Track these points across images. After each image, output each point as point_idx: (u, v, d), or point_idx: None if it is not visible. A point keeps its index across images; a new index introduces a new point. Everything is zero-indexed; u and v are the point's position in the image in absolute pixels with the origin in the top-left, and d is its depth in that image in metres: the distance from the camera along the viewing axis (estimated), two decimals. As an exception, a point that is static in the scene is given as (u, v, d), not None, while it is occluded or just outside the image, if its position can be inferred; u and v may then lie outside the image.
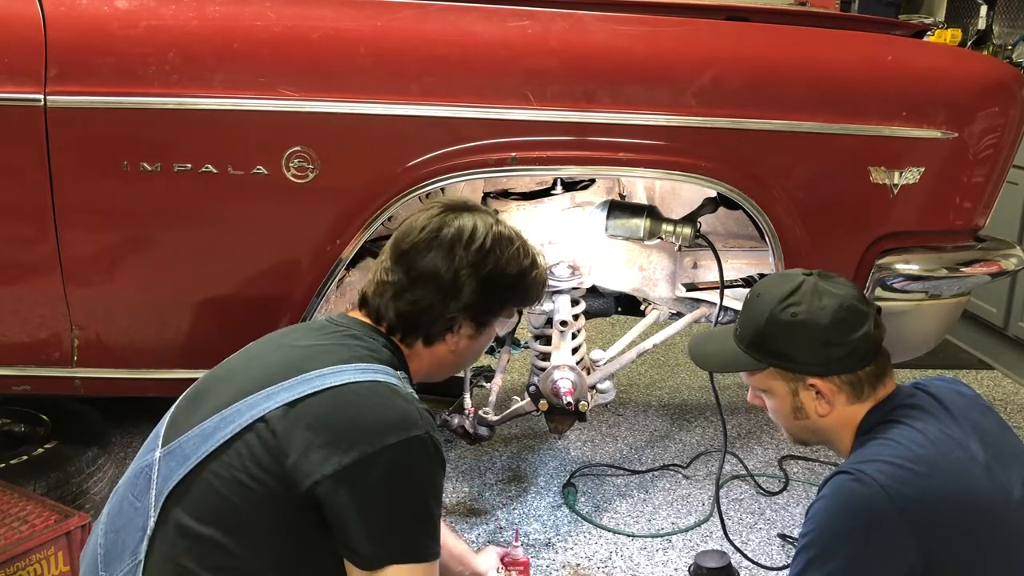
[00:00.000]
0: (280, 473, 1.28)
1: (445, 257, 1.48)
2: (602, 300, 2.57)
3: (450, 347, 1.53)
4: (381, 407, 1.32)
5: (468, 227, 1.50)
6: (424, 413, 1.35)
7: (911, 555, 1.33)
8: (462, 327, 1.52)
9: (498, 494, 2.68)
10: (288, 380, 1.34)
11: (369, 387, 1.34)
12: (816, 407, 1.52)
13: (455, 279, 1.48)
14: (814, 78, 2.10)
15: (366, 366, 1.37)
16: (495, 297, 1.53)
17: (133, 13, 1.91)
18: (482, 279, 1.49)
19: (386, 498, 1.28)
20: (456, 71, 1.98)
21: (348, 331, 1.46)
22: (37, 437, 2.49)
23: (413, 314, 1.48)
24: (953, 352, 3.99)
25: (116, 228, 2.02)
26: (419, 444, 1.31)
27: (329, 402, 1.31)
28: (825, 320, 1.46)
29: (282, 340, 1.48)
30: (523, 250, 1.55)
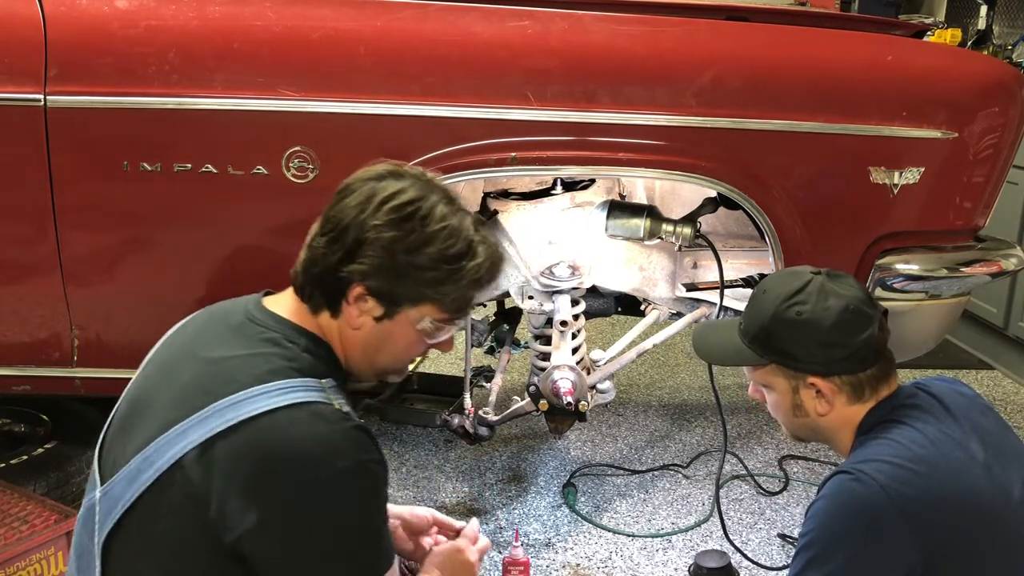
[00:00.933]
0: (204, 523, 1.20)
1: (356, 208, 1.30)
2: (602, 300, 2.57)
3: (352, 323, 1.34)
4: (299, 441, 1.20)
5: (395, 188, 1.31)
6: (350, 432, 1.23)
7: (911, 555, 1.33)
8: (363, 299, 1.32)
9: (498, 494, 2.68)
10: (201, 411, 1.23)
11: (286, 416, 1.21)
12: (815, 406, 1.52)
13: (359, 236, 1.29)
14: (814, 78, 2.10)
15: (283, 385, 1.24)
16: (401, 273, 1.31)
17: (133, 13, 1.91)
18: (388, 246, 1.29)
19: (318, 539, 1.20)
20: (456, 71, 1.98)
21: (265, 333, 1.32)
22: (37, 437, 2.49)
23: (312, 263, 1.33)
24: (953, 352, 3.99)
25: (116, 228, 2.02)
26: (345, 476, 1.21)
27: (243, 442, 1.20)
28: (829, 321, 1.46)
29: (195, 346, 1.35)
30: (457, 234, 1.32)
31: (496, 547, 2.40)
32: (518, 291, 2.39)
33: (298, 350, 1.31)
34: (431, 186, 1.35)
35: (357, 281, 1.31)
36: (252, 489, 1.19)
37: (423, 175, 1.37)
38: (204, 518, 1.20)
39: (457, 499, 2.65)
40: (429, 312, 1.36)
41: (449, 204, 1.34)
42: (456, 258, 1.32)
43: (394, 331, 1.36)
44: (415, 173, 1.37)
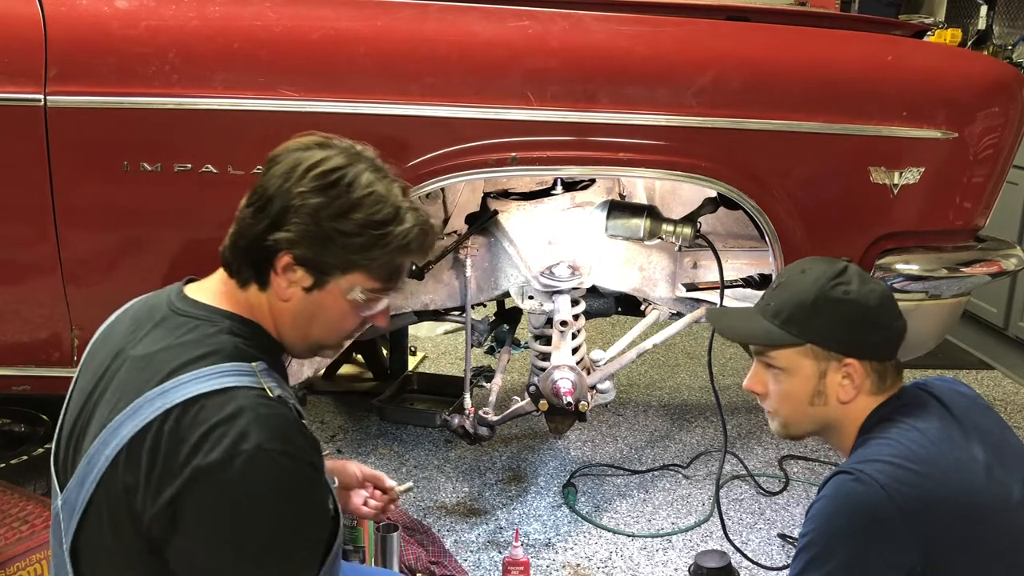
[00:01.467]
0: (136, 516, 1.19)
1: (281, 176, 1.28)
2: (602, 300, 2.57)
3: (281, 295, 1.31)
4: (204, 425, 1.17)
5: (321, 156, 1.29)
6: (265, 419, 1.19)
7: (911, 555, 1.33)
8: (291, 270, 1.30)
9: (498, 494, 2.68)
10: (132, 404, 1.21)
11: (198, 403, 1.19)
12: (839, 392, 1.49)
13: (284, 204, 1.27)
14: (814, 78, 2.10)
15: (213, 370, 1.22)
16: (327, 241, 1.28)
17: (133, 13, 1.91)
18: (313, 212, 1.27)
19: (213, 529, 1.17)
20: (456, 71, 1.98)
21: (189, 323, 1.30)
22: (37, 437, 2.49)
23: (239, 236, 1.31)
24: (953, 352, 3.99)
25: (116, 228, 2.02)
26: (244, 461, 1.15)
27: (167, 429, 1.18)
28: (874, 301, 1.47)
29: (124, 345, 1.32)
30: (383, 200, 1.30)
31: (496, 547, 2.40)
32: (518, 291, 2.39)
33: (223, 334, 1.28)
34: (359, 156, 1.33)
35: (284, 250, 1.29)
36: (166, 477, 1.17)
37: (352, 146, 1.35)
38: (133, 509, 1.19)
39: (457, 499, 2.65)
40: (359, 280, 1.33)
41: (376, 171, 1.32)
42: (383, 223, 1.30)
43: (325, 302, 1.34)
44: (343, 144, 1.35)
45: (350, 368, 3.50)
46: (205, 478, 1.16)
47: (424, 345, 3.80)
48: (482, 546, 2.41)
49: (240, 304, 1.34)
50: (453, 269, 2.41)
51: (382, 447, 2.95)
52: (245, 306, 1.34)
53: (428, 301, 2.42)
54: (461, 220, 2.44)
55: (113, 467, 1.20)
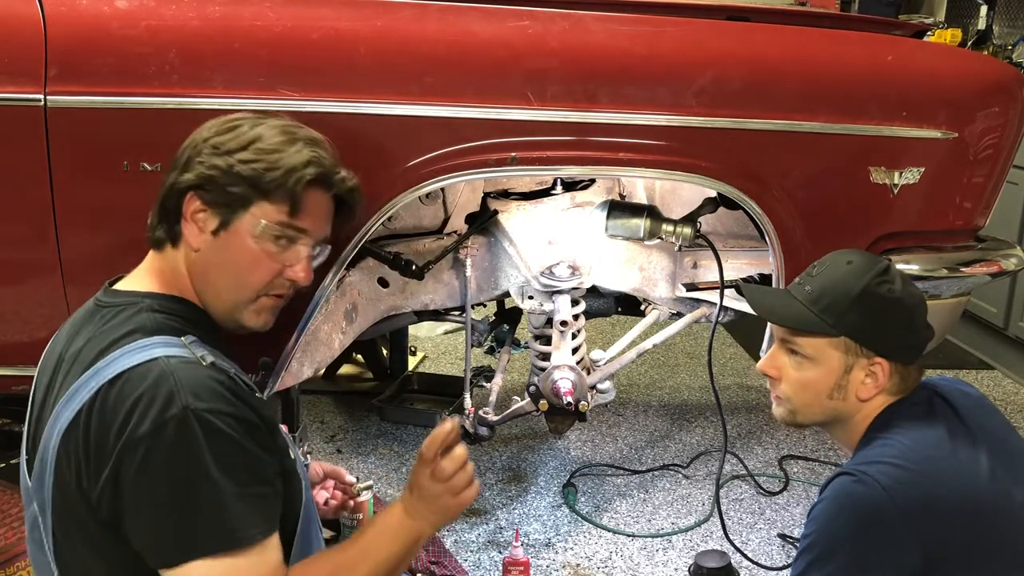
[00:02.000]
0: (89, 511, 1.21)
1: (192, 137, 1.39)
2: (602, 300, 2.57)
3: (192, 244, 1.36)
4: (129, 399, 1.19)
5: (232, 117, 1.40)
6: (188, 382, 1.19)
7: (913, 556, 1.33)
8: (198, 214, 1.34)
9: (498, 494, 2.68)
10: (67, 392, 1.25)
11: (117, 383, 1.21)
12: (860, 389, 1.48)
13: (191, 154, 1.36)
14: (814, 78, 2.10)
15: (141, 343, 1.24)
16: (227, 174, 1.33)
17: (133, 13, 1.90)
18: (213, 150, 1.34)
19: (148, 494, 1.17)
20: (456, 71, 1.98)
21: (112, 311, 1.34)
22: (37, 437, 2.49)
23: (157, 200, 1.39)
24: (953, 352, 3.99)
25: (116, 228, 2.01)
26: (174, 425, 1.16)
27: (98, 405, 1.20)
28: (915, 304, 1.48)
29: (64, 350, 1.36)
30: (281, 131, 1.38)
31: (496, 547, 2.40)
32: (518, 291, 2.39)
33: (142, 312, 1.31)
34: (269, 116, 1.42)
35: (191, 193, 1.34)
36: (102, 456, 1.19)
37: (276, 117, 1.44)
38: (84, 493, 1.21)
39: (457, 499, 2.64)
40: (262, 213, 1.35)
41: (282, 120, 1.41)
42: (276, 149, 1.35)
43: (232, 243, 1.36)
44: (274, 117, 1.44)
45: (350, 368, 3.51)
46: (140, 447, 1.17)
47: (424, 345, 3.80)
48: (482, 546, 2.41)
49: (160, 279, 1.38)
50: (453, 269, 2.41)
51: (382, 447, 2.95)
52: (164, 280, 1.38)
53: (428, 301, 2.42)
54: (461, 220, 2.44)
55: (58, 458, 1.23)
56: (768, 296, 1.67)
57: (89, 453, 1.20)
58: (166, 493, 1.18)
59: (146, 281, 1.39)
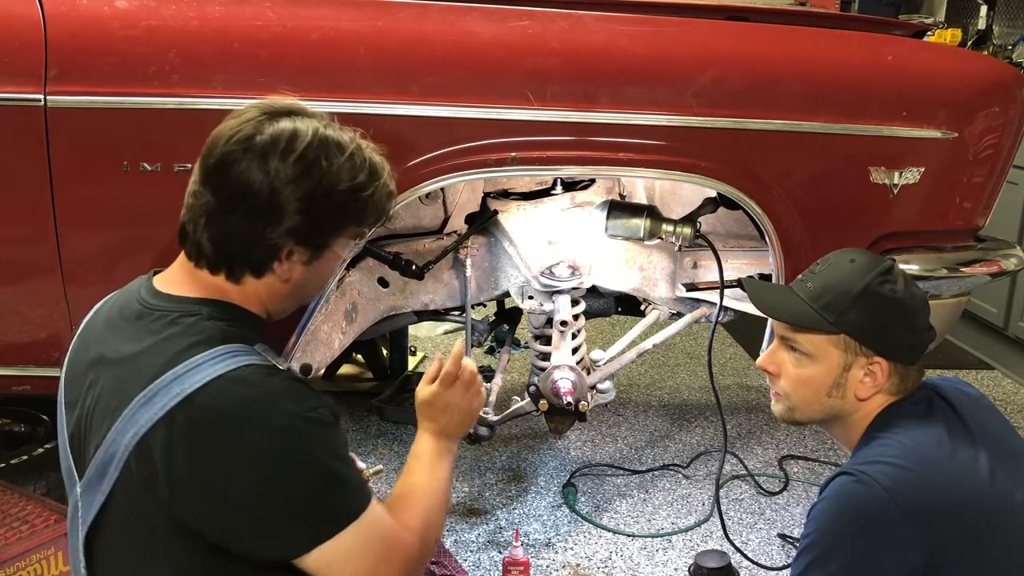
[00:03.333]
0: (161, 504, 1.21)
1: (258, 170, 1.25)
2: (602, 300, 2.57)
3: (281, 277, 1.33)
4: (226, 412, 1.20)
5: (286, 133, 1.27)
6: (279, 389, 1.22)
7: (913, 557, 1.33)
8: (292, 253, 1.31)
9: (498, 494, 2.68)
10: (127, 409, 1.22)
11: (205, 393, 1.20)
12: (858, 388, 1.48)
13: (272, 197, 1.25)
14: (814, 78, 2.10)
15: (193, 363, 1.22)
16: (326, 217, 1.31)
17: (133, 13, 1.90)
18: (305, 196, 1.27)
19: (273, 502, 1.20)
20: (456, 71, 1.98)
21: (165, 316, 1.30)
22: (37, 437, 2.49)
23: (229, 241, 1.29)
24: (953, 352, 3.99)
25: (116, 228, 2.02)
26: (282, 434, 1.19)
27: (171, 430, 1.19)
28: (916, 305, 1.47)
29: (105, 351, 1.32)
30: (358, 159, 1.32)
31: (496, 547, 2.40)
32: (518, 291, 2.39)
33: (204, 321, 1.29)
34: (304, 113, 1.33)
35: (287, 241, 1.30)
36: (194, 465, 1.19)
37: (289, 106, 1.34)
38: (161, 502, 1.21)
39: (457, 499, 2.64)
40: (351, 235, 1.39)
41: (328, 125, 1.33)
42: (366, 184, 1.33)
43: (322, 265, 1.38)
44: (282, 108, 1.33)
45: (350, 368, 3.50)
46: (255, 461, 1.19)
47: (424, 345, 3.80)
48: (482, 546, 2.41)
49: (210, 289, 1.34)
50: (453, 269, 2.41)
51: (382, 447, 2.95)
52: (215, 290, 1.34)
53: (428, 301, 2.42)
54: (461, 220, 2.43)
55: (130, 460, 1.22)
56: (770, 292, 1.66)
57: (175, 464, 1.19)
58: (289, 496, 1.21)
59: (194, 287, 1.35)
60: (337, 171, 1.29)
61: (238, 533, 1.22)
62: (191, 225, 1.32)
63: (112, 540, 1.28)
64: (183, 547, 1.24)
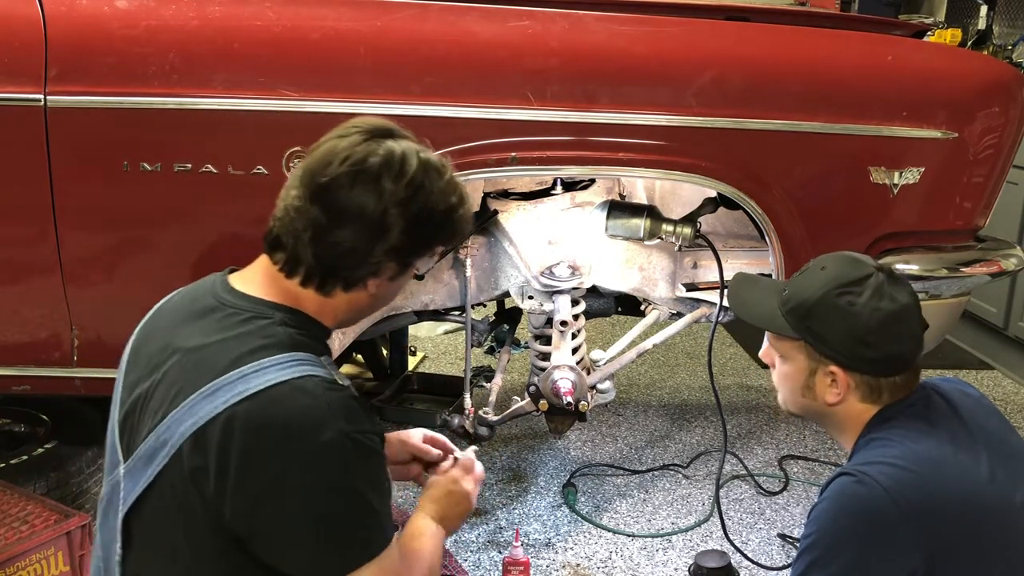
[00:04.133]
0: (205, 500, 1.22)
1: (372, 193, 1.30)
2: (602, 300, 2.57)
3: (371, 291, 1.38)
4: (282, 417, 1.21)
5: (397, 156, 1.32)
6: (337, 404, 1.24)
7: (913, 557, 1.33)
8: (386, 269, 1.37)
9: (498, 494, 2.68)
10: (188, 400, 1.24)
11: (267, 395, 1.22)
12: (825, 393, 1.50)
13: (383, 219, 1.31)
14: (814, 78, 2.10)
15: (260, 365, 1.25)
16: (423, 236, 1.37)
17: (133, 13, 1.91)
18: (411, 218, 1.32)
19: (308, 516, 1.22)
20: (456, 71, 1.98)
21: (238, 315, 1.33)
22: (37, 437, 2.49)
23: (334, 257, 1.33)
24: (953, 352, 3.99)
25: (116, 228, 2.02)
26: (333, 449, 1.21)
27: (242, 416, 1.21)
28: (875, 321, 1.44)
29: (173, 339, 1.35)
30: (452, 183, 1.38)
31: (496, 547, 2.40)
32: (518, 291, 2.39)
33: (277, 326, 1.32)
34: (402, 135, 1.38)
35: (387, 259, 1.35)
36: (244, 465, 1.20)
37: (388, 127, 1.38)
38: (205, 495, 1.22)
39: (457, 499, 2.64)
40: (434, 252, 1.43)
41: (424, 148, 1.38)
42: (457, 207, 1.39)
43: (402, 281, 1.43)
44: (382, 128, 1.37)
45: (350, 368, 3.50)
46: (298, 470, 1.20)
47: (424, 345, 3.80)
48: (482, 546, 2.41)
49: (287, 295, 1.37)
50: (453, 269, 2.40)
51: (382, 447, 2.95)
52: (292, 297, 1.37)
53: (428, 301, 2.42)
54: (461, 220, 2.43)
55: (183, 448, 1.23)
56: (751, 291, 1.67)
57: (227, 461, 1.21)
58: (325, 514, 1.22)
59: (270, 292, 1.37)
60: (438, 193, 1.35)
61: (266, 542, 1.23)
62: (290, 237, 1.33)
63: (149, 524, 1.29)
64: (215, 543, 1.25)
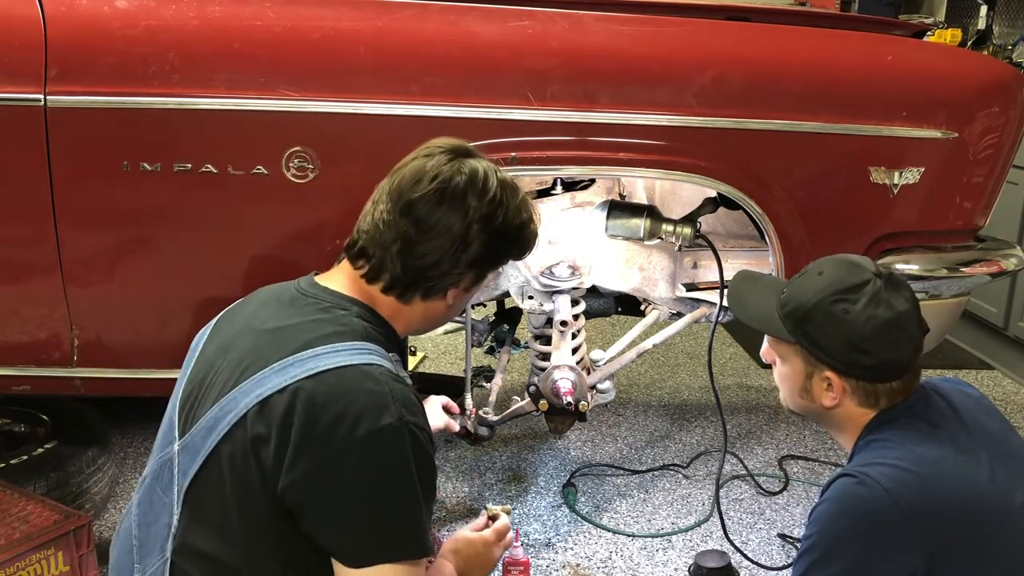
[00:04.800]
0: (263, 471, 1.26)
1: (458, 209, 1.40)
2: (602, 300, 2.57)
3: (448, 301, 1.48)
4: (347, 397, 1.25)
5: (480, 175, 1.42)
6: (400, 395, 1.28)
7: (914, 558, 1.33)
8: (464, 280, 1.46)
9: (498, 494, 2.68)
10: (258, 373, 1.30)
11: (336, 375, 1.27)
12: (822, 397, 1.51)
13: (467, 233, 1.41)
14: (814, 78, 2.10)
15: (333, 348, 1.31)
16: (500, 250, 1.48)
17: (133, 13, 1.90)
18: (492, 232, 1.43)
19: (358, 496, 1.24)
20: (456, 71, 1.98)
21: (318, 304, 1.40)
22: (37, 437, 2.49)
23: (422, 268, 1.41)
24: (953, 352, 3.99)
25: (116, 228, 2.02)
26: (391, 433, 1.25)
27: (294, 399, 1.26)
28: (869, 330, 1.43)
29: (252, 321, 1.42)
30: (525, 201, 1.49)
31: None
32: (518, 291, 2.39)
33: (353, 317, 1.39)
34: (479, 155, 1.48)
35: (468, 271, 1.45)
36: (300, 444, 1.24)
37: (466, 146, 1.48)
38: (264, 465, 1.26)
39: (457, 499, 2.65)
40: (504, 264, 1.53)
41: (499, 168, 1.47)
42: (529, 220, 1.50)
43: (474, 291, 1.51)
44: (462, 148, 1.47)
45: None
46: (355, 449, 1.23)
47: (424, 345, 3.80)
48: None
49: (365, 295, 1.44)
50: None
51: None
52: (369, 297, 1.44)
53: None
54: (461, 220, 2.43)
55: (246, 416, 1.27)
56: (750, 291, 1.67)
57: (288, 431, 1.24)
58: (373, 497, 1.25)
59: (352, 289, 1.45)
60: (514, 210, 1.46)
61: (315, 518, 1.26)
62: (378, 248, 1.42)
63: (205, 498, 1.32)
64: (268, 518, 1.28)
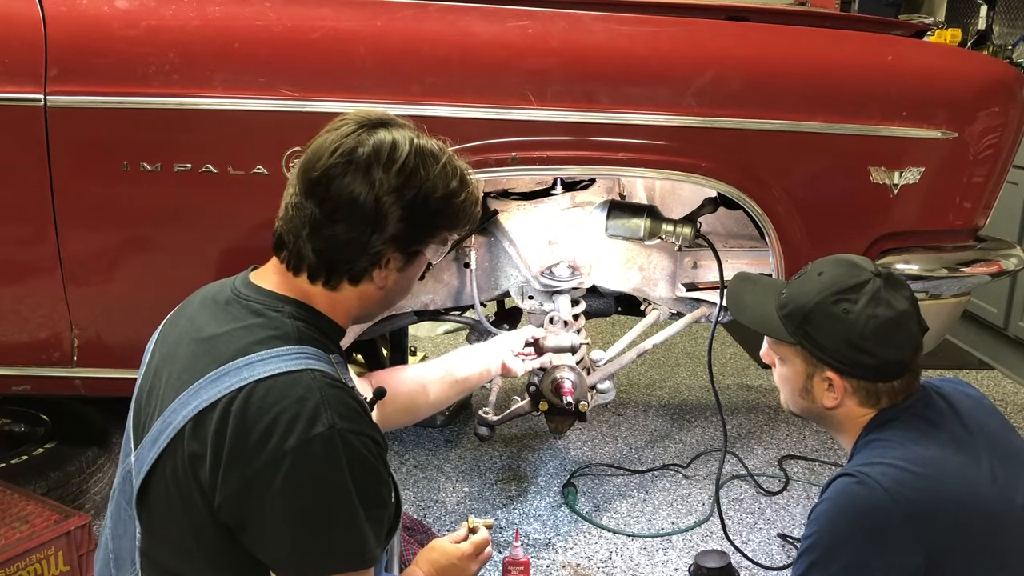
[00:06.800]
0: (201, 487, 1.23)
1: (363, 182, 1.30)
2: (602, 300, 2.57)
3: (378, 284, 1.38)
4: (277, 407, 1.21)
5: (387, 144, 1.32)
6: (334, 401, 1.22)
7: (914, 558, 1.33)
8: (390, 260, 1.36)
9: (498, 494, 2.68)
10: (194, 384, 1.26)
11: (266, 385, 1.22)
12: (823, 397, 1.51)
13: (377, 207, 1.30)
14: (814, 78, 2.10)
15: (266, 354, 1.26)
16: (423, 223, 1.36)
17: (133, 13, 1.90)
18: (407, 205, 1.32)
19: (292, 509, 1.20)
20: (456, 71, 1.98)
21: (251, 306, 1.34)
22: (37, 437, 2.49)
23: (333, 251, 1.33)
24: (953, 352, 3.99)
25: (116, 228, 2.02)
26: (321, 443, 1.19)
27: (226, 413, 1.22)
28: (870, 329, 1.44)
29: (190, 329, 1.37)
30: (450, 167, 1.37)
31: (496, 547, 2.40)
32: (518, 291, 2.39)
33: (285, 318, 1.32)
34: (396, 124, 1.38)
35: (388, 249, 1.34)
36: (235, 451, 1.20)
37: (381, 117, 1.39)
38: (202, 482, 1.23)
39: (457, 499, 2.65)
40: (442, 240, 1.42)
41: (419, 135, 1.38)
42: (459, 191, 1.38)
43: (412, 271, 1.42)
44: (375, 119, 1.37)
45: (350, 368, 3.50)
46: (285, 461, 1.19)
47: (424, 345, 3.80)
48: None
49: (298, 291, 1.38)
50: (453, 269, 2.40)
51: (382, 447, 2.95)
52: (302, 293, 1.38)
53: (428, 301, 2.42)
54: (461, 220, 2.43)
55: (182, 432, 1.24)
56: (749, 292, 1.67)
57: (221, 446, 1.21)
58: (306, 509, 1.21)
59: (284, 287, 1.38)
60: (434, 179, 1.34)
61: (251, 532, 1.23)
62: (291, 236, 1.35)
63: (158, 512, 1.30)
64: (215, 535, 1.25)
